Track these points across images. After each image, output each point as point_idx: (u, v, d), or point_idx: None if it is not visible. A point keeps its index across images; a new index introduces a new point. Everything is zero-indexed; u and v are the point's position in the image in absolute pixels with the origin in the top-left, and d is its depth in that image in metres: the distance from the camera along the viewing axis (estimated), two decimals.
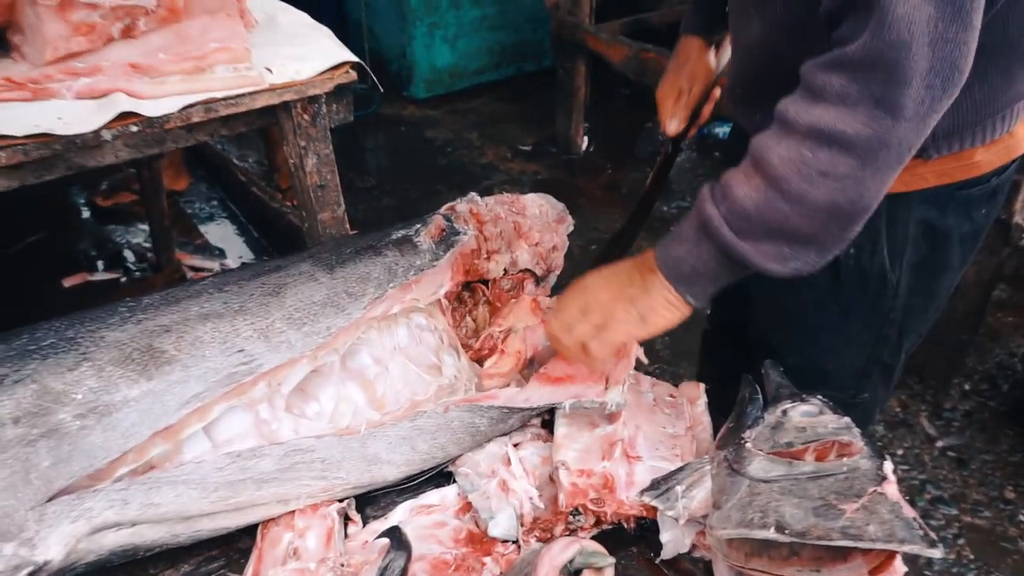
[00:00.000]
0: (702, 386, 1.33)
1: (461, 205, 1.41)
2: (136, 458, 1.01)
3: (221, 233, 3.11)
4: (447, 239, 1.30)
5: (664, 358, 2.65)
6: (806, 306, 1.32)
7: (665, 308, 1.09)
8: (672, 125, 1.50)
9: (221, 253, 2.95)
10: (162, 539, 1.01)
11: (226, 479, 1.03)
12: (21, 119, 1.27)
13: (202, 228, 3.09)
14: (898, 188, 1.18)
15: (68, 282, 2.74)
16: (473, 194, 1.45)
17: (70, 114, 1.30)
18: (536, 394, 1.18)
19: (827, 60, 0.94)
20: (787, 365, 1.20)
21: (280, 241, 2.65)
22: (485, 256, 1.40)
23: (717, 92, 1.52)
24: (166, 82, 1.40)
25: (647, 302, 1.09)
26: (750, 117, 1.25)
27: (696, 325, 2.85)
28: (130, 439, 0.99)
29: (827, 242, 0.99)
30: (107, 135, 1.31)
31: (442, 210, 1.39)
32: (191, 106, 1.37)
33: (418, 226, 1.30)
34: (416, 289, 1.24)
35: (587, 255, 2.98)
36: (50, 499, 0.94)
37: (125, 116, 1.32)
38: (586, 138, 4.10)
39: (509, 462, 1.11)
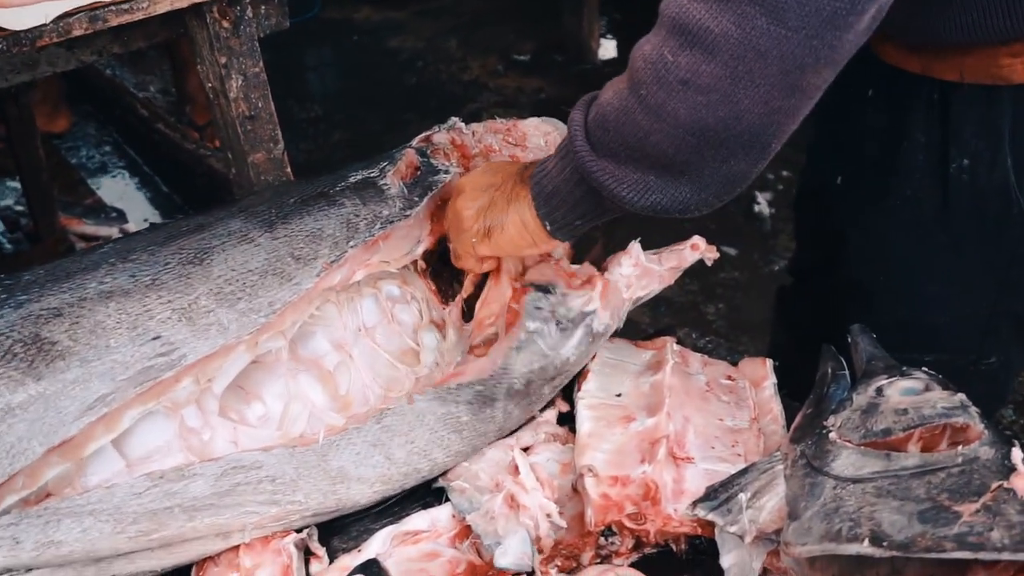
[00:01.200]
0: (768, 363, 1.35)
1: (440, 135, 1.42)
2: (28, 483, 1.03)
3: (118, 189, 3.13)
4: (422, 180, 1.32)
5: (718, 330, 2.67)
6: (907, 239, 1.33)
7: (516, 229, 1.19)
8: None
9: (120, 216, 2.97)
10: None
11: (146, 508, 1.05)
12: None
13: (92, 183, 3.11)
14: None
15: None
16: (455, 119, 1.46)
17: None
18: (505, 358, 1.22)
19: None
20: (885, 323, 1.23)
21: (198, 195, 2.67)
22: None
23: None
24: None
25: (498, 215, 1.19)
26: None
27: (760, 287, 2.89)
28: (17, 458, 1.01)
29: (702, 176, 1.03)
30: None
31: (415, 142, 1.40)
32: (70, 15, 1.38)
33: (384, 164, 1.32)
34: (384, 248, 1.26)
35: None
36: None
37: None
38: (604, 40, 4.09)
39: (517, 470, 1.13)
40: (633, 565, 1.11)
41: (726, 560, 1.07)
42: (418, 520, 1.16)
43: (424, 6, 4.41)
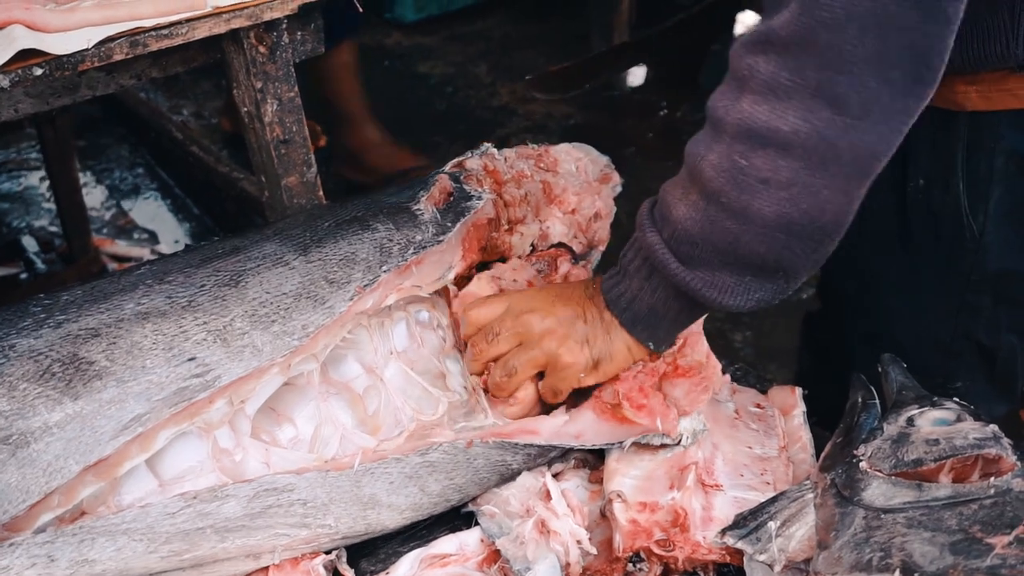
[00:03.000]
0: (798, 391, 1.35)
1: (472, 161, 1.44)
2: (63, 501, 1.05)
3: (150, 210, 3.17)
4: (455, 206, 1.33)
5: (745, 357, 2.67)
6: (873, 251, 1.35)
7: (623, 357, 1.18)
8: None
9: (152, 237, 3.01)
10: None
11: (179, 528, 1.06)
12: None
13: (125, 204, 3.15)
14: (981, 106, 1.22)
15: None
16: (487, 145, 1.47)
17: None
18: (591, 430, 1.21)
19: (753, 38, 0.99)
20: (858, 333, 1.23)
21: (229, 217, 2.70)
22: (506, 227, 1.43)
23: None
24: (77, 9, 1.43)
25: (606, 347, 1.18)
26: None
27: (787, 313, 2.88)
28: (54, 476, 1.03)
29: (795, 267, 1.05)
30: (3, 81, 1.34)
31: (448, 168, 1.42)
32: (111, 40, 1.40)
33: (417, 190, 1.34)
34: (417, 273, 1.27)
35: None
36: None
37: (25, 55, 1.35)
38: (633, 67, 4.11)
39: (549, 496, 1.14)
40: None
41: None
42: (446, 544, 1.17)
43: (454, 32, 4.45)
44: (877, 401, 1.18)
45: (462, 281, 1.36)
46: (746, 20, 4.04)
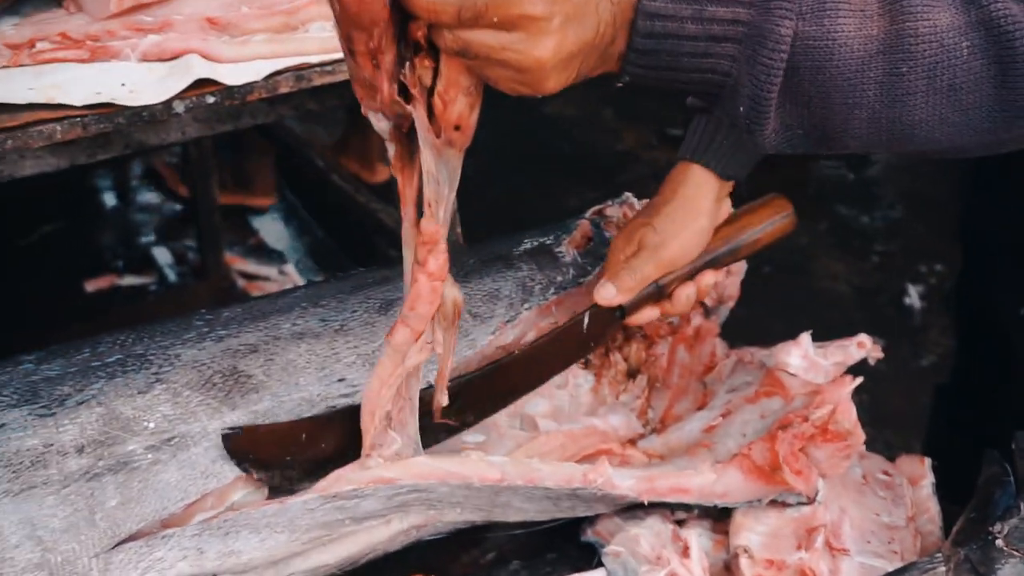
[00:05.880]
0: (927, 462, 1.35)
1: (613, 208, 1.48)
2: (216, 503, 1.12)
3: (278, 232, 3.29)
4: (595, 251, 1.38)
5: (861, 421, 2.65)
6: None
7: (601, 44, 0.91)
8: (606, 291, 1.24)
9: (279, 257, 3.12)
10: None
11: (319, 520, 1.12)
12: (78, 85, 1.41)
13: (256, 224, 3.28)
14: None
15: (92, 285, 2.96)
16: (628, 195, 1.52)
17: (135, 80, 1.44)
18: (738, 490, 1.23)
19: None
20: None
21: (358, 245, 2.78)
22: None
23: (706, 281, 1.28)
24: (249, 42, 1.52)
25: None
26: None
27: (906, 381, 2.85)
28: (210, 480, 1.10)
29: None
30: (179, 107, 1.44)
31: (588, 214, 1.47)
32: (279, 73, 1.49)
33: (559, 233, 1.39)
34: (556, 312, 1.32)
35: (759, 281, 3.01)
36: (116, 545, 1.06)
37: (199, 84, 1.45)
38: None
39: (687, 551, 1.15)
40: None
41: None
42: None
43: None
44: (1012, 479, 1.18)
45: None
46: None
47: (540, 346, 1.26)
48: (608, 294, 1.23)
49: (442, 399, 1.15)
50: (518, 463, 1.20)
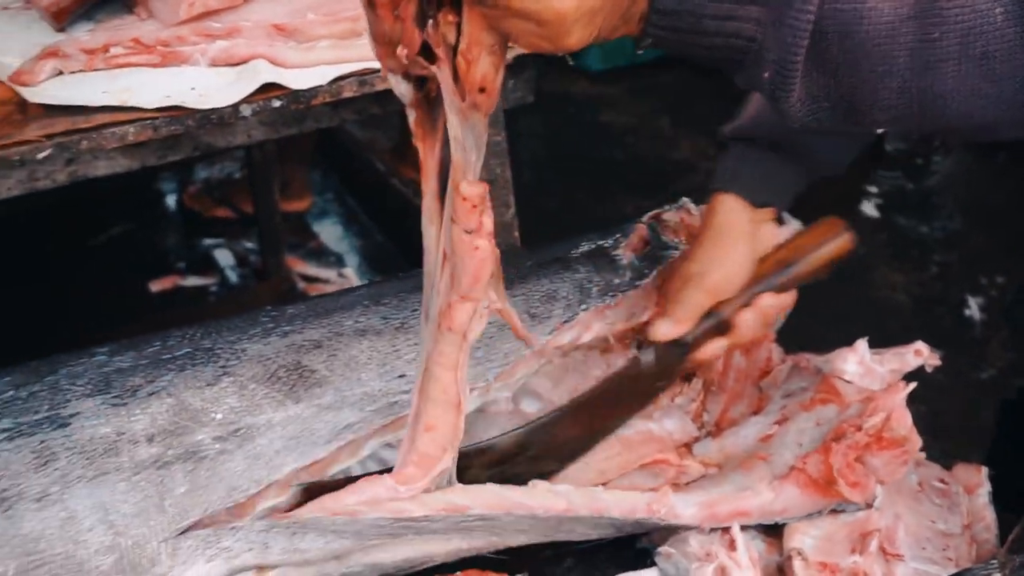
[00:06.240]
0: (984, 470, 1.34)
1: (670, 214, 1.49)
2: (279, 493, 1.15)
3: (338, 235, 3.35)
4: (651, 254, 1.39)
5: (919, 429, 2.62)
6: None
7: None
8: (662, 326, 1.24)
9: (339, 260, 3.18)
10: None
11: (385, 532, 1.15)
12: (150, 88, 1.46)
13: (316, 228, 3.34)
14: None
15: (156, 286, 3.04)
16: (685, 200, 1.53)
17: (205, 84, 1.48)
18: (796, 505, 1.23)
19: None
20: None
21: (415, 248, 2.82)
22: None
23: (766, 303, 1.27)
24: (315, 48, 1.56)
25: None
26: None
27: (965, 394, 2.82)
28: (273, 471, 1.13)
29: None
30: (246, 111, 1.48)
31: (646, 218, 1.48)
32: (343, 78, 1.53)
33: (617, 236, 1.41)
34: (612, 315, 1.33)
35: (816, 290, 3.00)
36: (184, 531, 1.09)
37: (266, 88, 1.49)
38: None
39: (733, 545, 1.16)
40: None
41: None
42: None
43: (639, 83, 4.53)
44: None
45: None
46: None
47: (607, 392, 1.26)
48: (665, 329, 1.23)
49: (533, 341, 1.15)
50: (583, 492, 1.21)
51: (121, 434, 1.13)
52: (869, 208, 3.66)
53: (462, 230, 1.00)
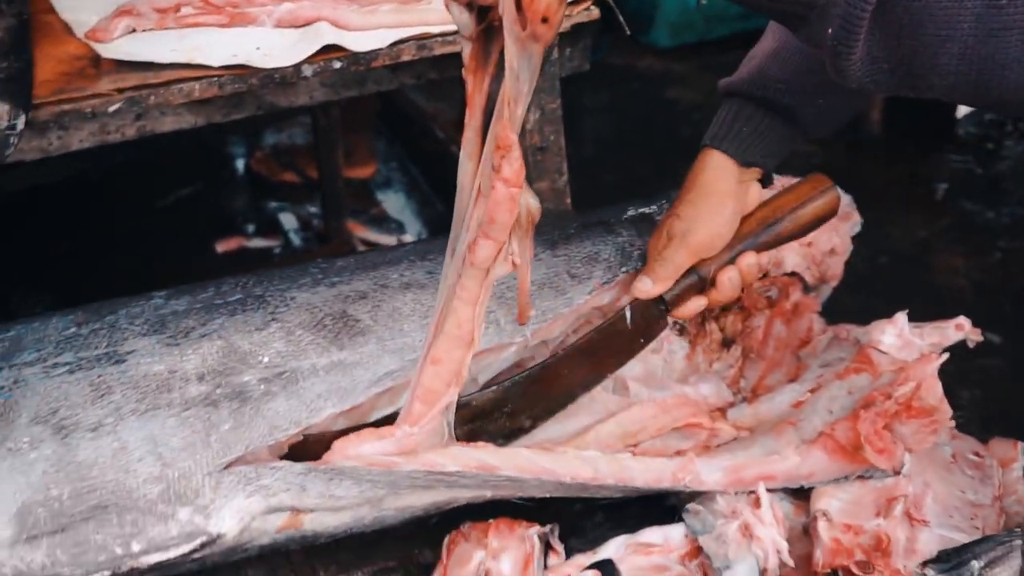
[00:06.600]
0: (1020, 445, 1.35)
1: None
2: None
3: (399, 203, 3.39)
4: None
5: (971, 416, 2.59)
6: None
7: None
8: (642, 284, 1.27)
9: (399, 227, 3.22)
10: (345, 524, 1.21)
11: (418, 484, 1.20)
12: (217, 47, 1.51)
13: (378, 195, 3.39)
14: None
15: (221, 246, 3.12)
16: None
17: (269, 44, 1.53)
18: (822, 470, 1.25)
19: None
20: None
21: None
22: None
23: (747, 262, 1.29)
24: (376, 11, 1.60)
25: None
26: None
27: (1018, 376, 2.77)
28: (314, 413, 1.18)
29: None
30: (308, 71, 1.52)
31: None
32: (402, 41, 1.56)
33: (662, 202, 1.43)
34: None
35: (873, 270, 2.97)
36: (227, 466, 1.15)
37: (328, 50, 1.53)
38: (882, 112, 4.04)
39: (759, 503, 1.19)
40: None
41: None
42: (652, 534, 1.24)
43: (705, 61, 4.49)
44: None
45: None
46: None
47: (584, 345, 1.27)
48: (644, 286, 1.26)
49: (528, 311, 1.16)
50: (610, 459, 1.24)
51: (173, 372, 1.19)
52: (936, 191, 3.60)
53: (492, 168, 1.02)
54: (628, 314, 1.27)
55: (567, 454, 1.23)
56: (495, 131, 0.99)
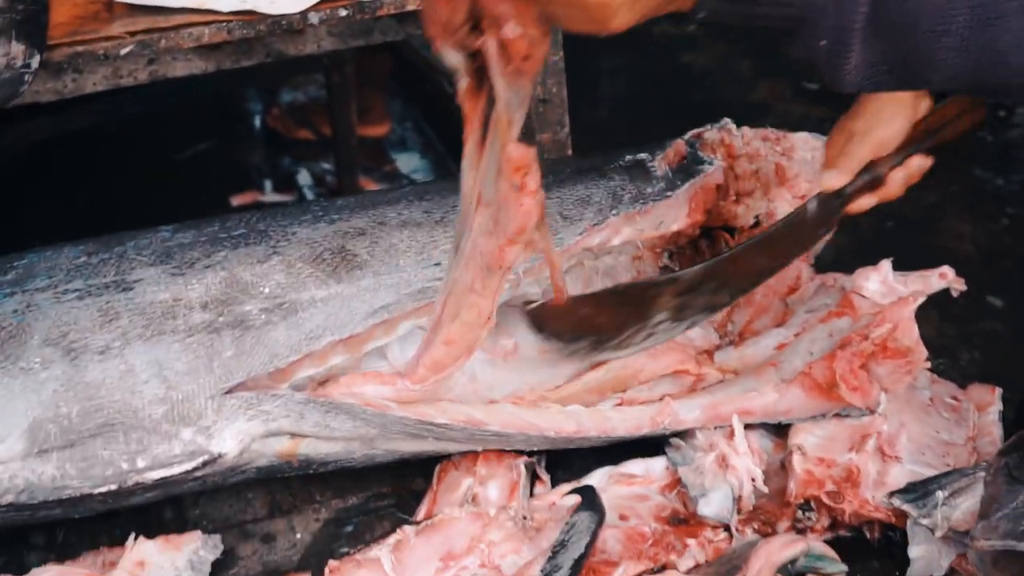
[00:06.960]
0: (998, 391, 1.39)
1: (711, 132, 1.54)
2: (315, 363, 1.25)
3: (413, 162, 3.44)
4: (687, 168, 1.45)
5: (973, 376, 2.63)
6: None
7: None
8: (830, 176, 1.32)
9: (411, 184, 3.27)
10: (336, 454, 1.26)
11: (408, 430, 1.25)
12: None
13: (392, 154, 3.43)
14: None
15: (236, 200, 3.18)
16: (727, 120, 1.57)
17: None
18: (800, 407, 1.29)
19: None
20: None
21: None
22: (733, 198, 1.52)
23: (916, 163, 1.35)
24: None
25: None
26: None
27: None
28: (312, 341, 1.23)
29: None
30: (314, 18, 1.56)
31: (686, 136, 1.53)
32: None
33: (654, 149, 1.46)
34: (642, 221, 1.40)
35: (880, 234, 2.99)
36: (229, 391, 1.20)
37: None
38: None
39: (732, 435, 1.24)
40: (826, 543, 1.20)
41: (914, 551, 1.14)
42: (634, 466, 1.30)
43: (720, 26, 4.50)
44: None
45: (684, 238, 1.48)
46: None
47: (774, 234, 1.35)
48: (831, 179, 1.31)
49: (564, 289, 1.23)
50: (592, 413, 1.30)
51: (178, 300, 1.24)
52: (945, 157, 3.61)
53: (510, 185, 1.09)
54: (811, 207, 1.34)
55: (551, 409, 1.29)
56: (500, 156, 1.06)
